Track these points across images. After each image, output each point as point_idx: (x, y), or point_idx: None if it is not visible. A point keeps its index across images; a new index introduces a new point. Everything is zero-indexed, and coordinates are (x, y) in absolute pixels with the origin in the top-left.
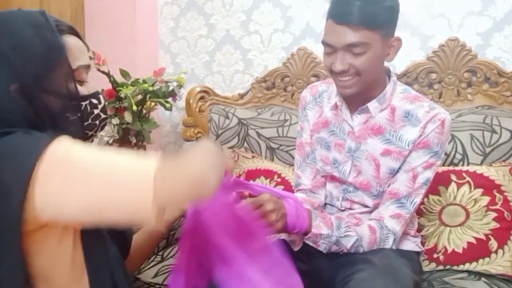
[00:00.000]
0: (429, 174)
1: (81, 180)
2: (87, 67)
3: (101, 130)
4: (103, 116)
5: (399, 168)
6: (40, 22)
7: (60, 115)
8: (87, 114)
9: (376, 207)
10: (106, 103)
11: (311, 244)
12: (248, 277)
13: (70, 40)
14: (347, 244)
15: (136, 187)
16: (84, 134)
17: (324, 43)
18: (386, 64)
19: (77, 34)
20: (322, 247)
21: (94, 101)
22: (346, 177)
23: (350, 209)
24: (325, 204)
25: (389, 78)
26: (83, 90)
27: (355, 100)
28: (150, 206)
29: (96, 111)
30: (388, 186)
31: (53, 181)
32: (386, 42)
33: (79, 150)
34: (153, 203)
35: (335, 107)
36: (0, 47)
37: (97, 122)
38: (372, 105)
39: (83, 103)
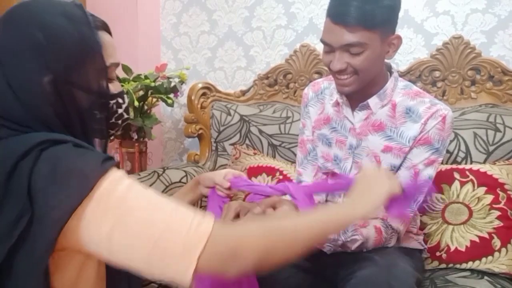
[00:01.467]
0: (431, 172)
1: (131, 232)
2: (117, 65)
3: (121, 129)
4: (126, 116)
5: (400, 165)
6: (76, 14)
7: (88, 112)
8: (112, 113)
9: None
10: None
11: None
12: None
13: (104, 37)
14: (352, 246)
15: (181, 261)
16: (107, 132)
17: (322, 41)
18: (389, 60)
19: (109, 32)
20: (327, 249)
21: (120, 100)
22: (347, 174)
23: None
24: (327, 201)
25: (391, 74)
26: (112, 88)
27: (356, 97)
28: (188, 279)
29: (120, 111)
30: None
31: (103, 223)
32: (385, 40)
33: (135, 194)
34: (192, 276)
35: (336, 104)
36: (34, 37)
37: (120, 121)
38: (373, 101)
39: (111, 102)
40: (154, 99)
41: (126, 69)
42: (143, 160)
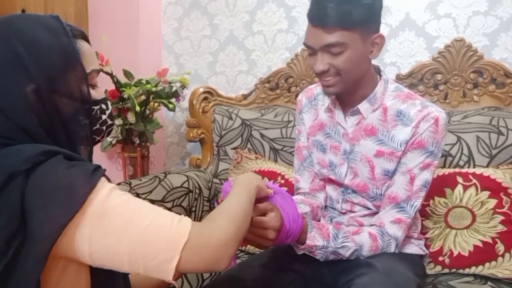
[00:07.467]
0: (427, 175)
1: (115, 231)
2: (98, 71)
3: (107, 136)
4: (109, 122)
5: (395, 169)
6: (54, 25)
7: (72, 118)
8: (96, 119)
9: (377, 208)
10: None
11: (307, 253)
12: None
13: (83, 45)
14: (345, 253)
15: (164, 254)
16: (92, 139)
17: (304, 44)
18: (379, 63)
19: (88, 40)
20: (319, 256)
21: (103, 106)
22: (342, 180)
23: (351, 211)
24: (326, 206)
25: (380, 77)
26: (94, 94)
27: (347, 101)
28: (171, 272)
29: (104, 117)
30: (386, 188)
31: (89, 227)
32: (368, 39)
33: (119, 202)
34: (176, 269)
35: (329, 109)
36: (15, 49)
37: (104, 127)
38: (363, 106)
39: (95, 108)
40: (156, 104)
41: (128, 74)
42: (145, 164)
